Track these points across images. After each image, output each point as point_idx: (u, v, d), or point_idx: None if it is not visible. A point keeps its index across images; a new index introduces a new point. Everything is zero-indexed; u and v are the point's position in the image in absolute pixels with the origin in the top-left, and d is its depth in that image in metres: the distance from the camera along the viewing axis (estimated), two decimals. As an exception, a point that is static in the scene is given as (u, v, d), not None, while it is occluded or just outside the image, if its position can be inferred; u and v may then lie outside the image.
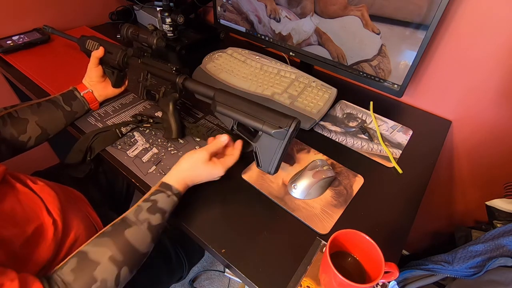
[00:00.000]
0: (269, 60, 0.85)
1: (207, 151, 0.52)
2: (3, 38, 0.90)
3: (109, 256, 0.41)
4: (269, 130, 0.49)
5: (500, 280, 0.52)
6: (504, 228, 0.59)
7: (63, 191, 0.58)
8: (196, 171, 0.51)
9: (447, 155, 0.87)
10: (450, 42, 0.71)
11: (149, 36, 0.62)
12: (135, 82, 0.68)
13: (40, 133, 0.60)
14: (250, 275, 0.45)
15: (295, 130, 0.49)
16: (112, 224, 0.44)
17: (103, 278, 0.40)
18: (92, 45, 0.69)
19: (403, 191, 0.60)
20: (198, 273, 1.19)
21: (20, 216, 0.46)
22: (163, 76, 0.62)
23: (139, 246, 0.44)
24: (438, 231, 1.05)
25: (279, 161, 0.51)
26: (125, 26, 0.66)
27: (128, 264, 0.42)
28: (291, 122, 0.48)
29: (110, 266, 0.41)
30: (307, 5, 0.73)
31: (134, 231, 0.44)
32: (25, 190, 0.50)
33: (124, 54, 0.66)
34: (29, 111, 0.59)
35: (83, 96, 0.67)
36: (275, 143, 0.50)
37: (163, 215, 0.47)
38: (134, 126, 0.67)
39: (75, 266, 0.39)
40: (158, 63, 0.63)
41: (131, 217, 0.45)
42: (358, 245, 0.44)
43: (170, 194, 0.48)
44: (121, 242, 0.42)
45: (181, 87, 0.61)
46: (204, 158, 0.51)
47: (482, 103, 0.74)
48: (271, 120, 0.49)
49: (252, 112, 0.51)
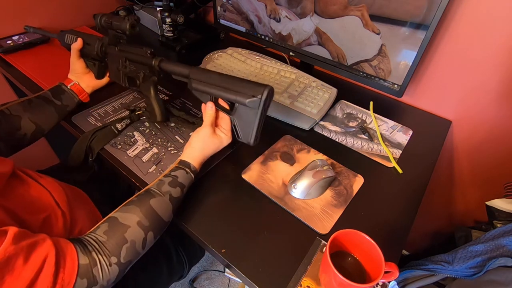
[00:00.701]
0: (269, 60, 0.85)
1: (209, 125, 0.55)
2: (3, 38, 0.90)
3: (137, 221, 0.44)
4: (243, 100, 0.50)
5: (500, 280, 0.52)
6: (504, 228, 0.59)
7: (68, 188, 0.59)
8: (207, 147, 0.55)
9: (447, 155, 0.87)
10: (450, 42, 0.71)
11: (122, 22, 0.62)
12: (115, 71, 0.68)
13: (35, 128, 0.61)
14: (250, 275, 0.45)
15: (269, 98, 0.50)
16: (137, 195, 0.48)
17: (132, 239, 0.43)
18: (71, 38, 0.69)
19: (403, 191, 0.60)
20: (198, 273, 1.19)
21: (31, 205, 0.49)
22: (140, 60, 0.63)
23: (162, 214, 0.47)
24: (438, 231, 1.05)
25: (257, 130, 0.53)
26: (98, 15, 0.66)
27: (153, 230, 0.46)
28: (263, 89, 0.49)
29: (138, 230, 0.44)
30: (307, 5, 0.73)
31: (158, 201, 0.47)
32: (34, 183, 0.52)
33: (101, 43, 0.66)
34: (21, 108, 0.60)
35: (71, 88, 0.67)
36: (252, 113, 0.51)
37: (182, 189, 0.51)
38: (128, 122, 0.68)
39: (107, 229, 0.43)
40: (133, 48, 0.63)
41: (155, 189, 0.48)
42: (358, 245, 0.44)
43: (189, 171, 0.52)
44: (147, 209, 0.46)
45: (158, 69, 0.61)
46: (210, 132, 0.55)
47: (482, 103, 0.74)
48: (244, 90, 0.50)
49: (226, 85, 0.52)
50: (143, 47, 0.62)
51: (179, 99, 0.78)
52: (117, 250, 0.42)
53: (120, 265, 0.42)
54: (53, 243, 0.38)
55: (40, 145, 1.21)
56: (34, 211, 0.48)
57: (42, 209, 0.49)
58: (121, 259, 0.42)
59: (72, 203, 0.56)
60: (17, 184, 0.50)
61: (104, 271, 0.40)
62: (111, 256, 0.41)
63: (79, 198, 0.62)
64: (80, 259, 0.39)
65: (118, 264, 0.42)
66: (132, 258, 0.44)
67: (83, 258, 0.39)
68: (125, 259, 0.42)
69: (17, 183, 0.50)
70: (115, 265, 0.41)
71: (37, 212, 0.48)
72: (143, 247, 0.45)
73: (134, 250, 0.43)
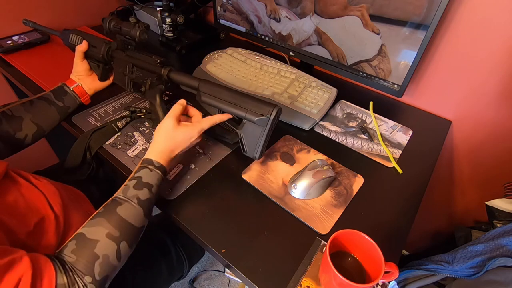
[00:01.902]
0: (269, 60, 0.85)
1: (170, 117, 0.52)
2: (3, 38, 0.90)
3: (106, 234, 0.42)
4: (252, 117, 0.52)
5: (500, 280, 0.52)
6: (504, 228, 0.59)
7: (64, 189, 0.59)
8: (171, 140, 0.52)
9: (447, 155, 0.87)
10: (450, 42, 0.71)
11: (132, 29, 0.63)
12: (121, 75, 0.68)
13: (36, 130, 0.61)
14: (250, 275, 0.45)
15: (277, 117, 0.52)
16: (104, 206, 0.46)
17: (105, 253, 0.41)
18: (76, 39, 0.69)
19: (403, 191, 0.60)
20: (198, 273, 1.19)
21: (23, 209, 0.47)
22: (148, 68, 0.63)
23: (133, 221, 0.45)
24: (438, 231, 1.05)
25: (263, 146, 0.55)
26: (107, 19, 0.66)
27: (126, 239, 0.44)
28: (272, 109, 0.51)
29: (109, 242, 0.42)
30: (307, 5, 0.73)
31: (126, 208, 0.45)
32: (28, 185, 0.51)
33: (108, 47, 0.66)
34: (22, 108, 0.59)
35: (73, 90, 0.67)
36: (259, 129, 0.54)
37: (150, 189, 0.48)
38: (129, 120, 0.68)
39: (75, 247, 0.41)
40: (143, 56, 0.64)
41: (121, 196, 0.46)
42: (358, 245, 0.44)
43: (153, 168, 0.49)
44: (115, 219, 0.44)
45: (166, 79, 0.62)
46: (172, 124, 0.52)
47: (482, 103, 0.74)
48: (253, 108, 0.52)
49: (235, 101, 0.53)
50: (153, 56, 0.62)
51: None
52: (90, 268, 0.40)
53: (96, 283, 0.40)
54: (31, 263, 0.36)
55: (40, 145, 1.21)
56: (25, 216, 0.46)
57: (34, 213, 0.48)
58: (95, 276, 0.40)
59: (67, 206, 0.55)
60: (9, 186, 0.48)
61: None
62: (85, 276, 0.39)
63: (75, 199, 0.61)
64: (58, 279, 0.37)
65: (93, 283, 0.40)
66: (109, 273, 0.42)
67: (61, 278, 0.37)
68: (101, 275, 0.40)
69: (10, 185, 0.48)
70: (91, 284, 0.39)
71: (29, 216, 0.47)
72: (118, 259, 0.43)
73: (108, 265, 0.42)
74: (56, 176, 0.61)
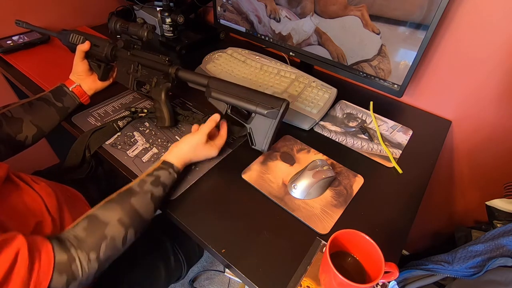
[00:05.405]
0: (269, 60, 0.85)
1: (204, 133, 0.56)
2: (3, 38, 0.90)
3: (117, 219, 0.45)
4: (263, 111, 0.54)
5: (500, 280, 0.52)
6: (504, 228, 0.59)
7: (61, 191, 0.59)
8: (195, 153, 0.56)
9: (447, 155, 0.87)
10: (450, 42, 0.71)
11: (140, 29, 0.64)
12: (124, 74, 0.69)
13: (36, 131, 0.61)
14: (250, 275, 0.45)
15: (285, 110, 0.55)
16: (118, 193, 0.48)
17: (112, 235, 0.44)
18: (77, 38, 0.69)
19: (403, 191, 0.60)
20: (198, 273, 1.19)
21: (23, 212, 0.48)
22: (155, 67, 0.65)
23: (143, 212, 0.48)
24: (438, 231, 1.05)
25: (271, 139, 0.58)
26: (113, 20, 0.66)
27: (134, 227, 0.47)
28: (282, 102, 0.54)
29: (118, 227, 0.45)
30: (307, 5, 0.73)
31: (139, 199, 0.48)
32: (28, 189, 0.52)
33: (112, 47, 0.67)
34: (22, 110, 0.59)
35: (72, 91, 0.67)
36: (267, 123, 0.56)
37: (164, 189, 0.51)
38: (130, 120, 0.69)
39: (86, 225, 0.43)
40: (150, 55, 0.66)
41: (136, 188, 0.49)
42: (358, 245, 0.44)
43: (172, 172, 0.53)
44: (128, 207, 0.46)
45: (173, 77, 0.64)
46: (203, 141, 0.56)
47: (482, 103, 0.74)
48: (263, 101, 0.55)
49: (245, 96, 0.56)
50: (160, 55, 0.64)
51: (179, 98, 0.78)
52: (97, 246, 0.42)
53: (99, 261, 0.42)
54: (26, 239, 0.37)
55: (40, 145, 1.20)
56: (24, 218, 0.48)
57: (33, 216, 0.49)
58: (100, 254, 0.42)
59: (63, 208, 0.56)
60: (10, 189, 0.49)
61: (83, 267, 0.40)
62: (90, 251, 0.41)
63: (73, 201, 0.61)
64: (57, 255, 0.39)
65: (97, 260, 0.42)
66: (112, 254, 0.44)
67: (60, 254, 0.39)
68: (105, 254, 0.43)
69: (11, 189, 0.50)
70: (95, 260, 0.42)
71: (28, 218, 0.48)
72: (123, 244, 0.46)
73: (113, 247, 0.44)
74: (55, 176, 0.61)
